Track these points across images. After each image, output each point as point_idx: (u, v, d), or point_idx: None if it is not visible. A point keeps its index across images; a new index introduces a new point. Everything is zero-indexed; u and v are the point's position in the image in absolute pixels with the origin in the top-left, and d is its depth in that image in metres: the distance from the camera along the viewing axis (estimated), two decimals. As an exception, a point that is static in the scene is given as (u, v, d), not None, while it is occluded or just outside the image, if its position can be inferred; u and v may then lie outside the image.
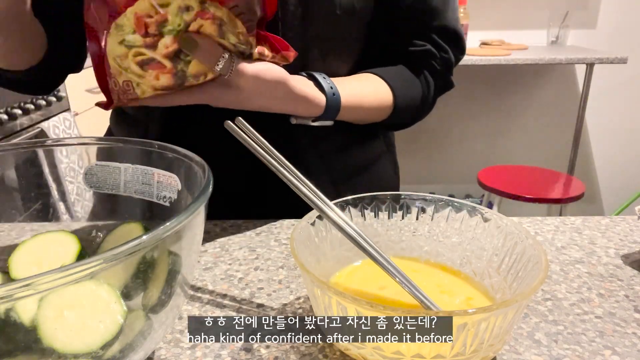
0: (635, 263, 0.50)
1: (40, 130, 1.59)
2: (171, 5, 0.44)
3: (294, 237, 0.38)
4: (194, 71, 0.48)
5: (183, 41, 0.46)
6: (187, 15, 0.45)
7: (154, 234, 0.27)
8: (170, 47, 0.46)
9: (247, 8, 0.47)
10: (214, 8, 0.45)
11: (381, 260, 0.39)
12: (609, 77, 2.58)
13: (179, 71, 0.47)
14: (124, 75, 0.48)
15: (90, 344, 0.28)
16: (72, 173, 0.46)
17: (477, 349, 0.32)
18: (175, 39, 0.46)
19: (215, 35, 0.47)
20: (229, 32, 0.47)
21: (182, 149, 0.41)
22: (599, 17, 2.54)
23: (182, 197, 0.41)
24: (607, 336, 0.39)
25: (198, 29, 0.46)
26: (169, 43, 0.46)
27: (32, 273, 0.23)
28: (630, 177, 2.76)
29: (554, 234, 0.56)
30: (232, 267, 0.50)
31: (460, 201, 0.45)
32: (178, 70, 0.47)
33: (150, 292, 0.32)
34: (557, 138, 2.71)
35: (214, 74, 0.48)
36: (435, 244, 0.46)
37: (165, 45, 0.46)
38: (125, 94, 0.49)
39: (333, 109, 0.57)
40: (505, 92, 2.65)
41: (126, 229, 0.41)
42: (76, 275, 0.24)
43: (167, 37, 0.45)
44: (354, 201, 0.45)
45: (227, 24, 0.46)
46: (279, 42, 0.52)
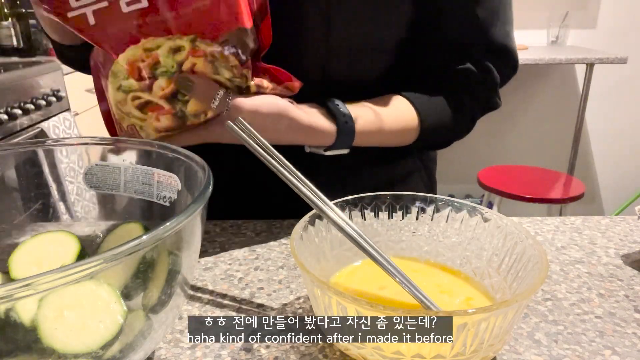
0: (635, 263, 0.50)
1: (40, 130, 1.59)
2: (162, 48, 0.45)
3: (294, 237, 0.38)
4: (192, 110, 0.48)
5: (178, 81, 0.46)
6: (179, 56, 0.45)
7: (154, 234, 0.27)
8: (166, 89, 0.46)
9: (239, 41, 0.47)
10: (205, 45, 0.45)
11: (381, 260, 0.39)
12: (609, 77, 2.58)
13: (178, 111, 0.48)
14: (127, 119, 0.49)
15: (90, 344, 0.28)
16: (72, 173, 0.46)
17: (477, 349, 0.32)
18: (170, 81, 0.46)
19: (209, 72, 0.47)
20: (222, 67, 0.47)
21: (182, 149, 0.41)
22: (599, 17, 2.54)
23: (182, 197, 0.41)
24: (607, 336, 0.39)
25: (192, 68, 0.46)
26: (164, 85, 0.46)
27: (32, 273, 0.23)
28: (630, 177, 2.76)
29: (554, 234, 0.56)
30: (232, 267, 0.50)
31: (460, 201, 0.45)
32: (177, 110, 0.48)
33: (150, 292, 0.32)
34: (557, 138, 2.71)
35: (212, 112, 0.48)
36: (435, 244, 0.46)
37: (160, 87, 0.46)
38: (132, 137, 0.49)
39: (346, 137, 0.54)
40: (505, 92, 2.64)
41: (126, 229, 0.41)
42: (76, 275, 0.24)
43: (161, 79, 0.46)
44: (354, 201, 0.45)
45: (219, 59, 0.46)
46: (281, 73, 0.51)
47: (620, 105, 2.66)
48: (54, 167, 0.46)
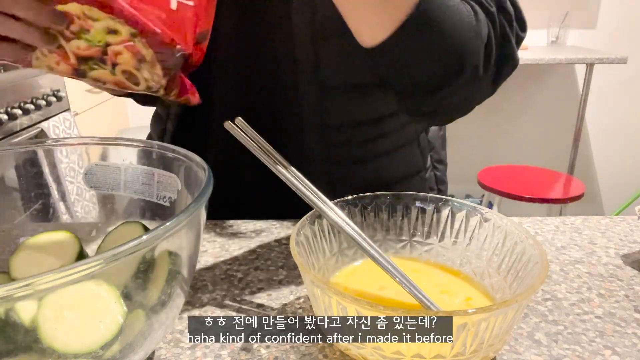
0: (635, 263, 0.50)
1: (40, 130, 1.59)
2: (100, 22, 0.45)
3: (294, 237, 0.38)
4: (95, 75, 0.48)
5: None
6: (111, 38, 0.45)
7: (154, 234, 0.27)
8: (80, 51, 0.46)
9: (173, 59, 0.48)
10: (141, 45, 0.46)
11: (381, 260, 0.39)
12: (609, 77, 2.58)
13: (80, 70, 0.48)
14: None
15: (90, 344, 0.28)
16: (72, 173, 0.46)
17: (477, 349, 0.32)
18: (89, 47, 0.46)
19: (131, 65, 0.47)
20: (145, 69, 0.47)
21: (182, 149, 0.41)
22: (599, 17, 2.54)
23: (182, 197, 0.41)
24: (607, 336, 0.39)
25: (116, 53, 0.46)
26: (82, 47, 0.46)
27: (32, 273, 0.23)
28: (630, 177, 2.76)
29: (554, 234, 0.56)
30: (232, 267, 0.50)
31: (460, 201, 0.45)
32: (80, 69, 0.47)
33: (150, 292, 0.32)
34: (557, 138, 2.71)
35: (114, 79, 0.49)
36: (435, 244, 0.46)
37: (77, 47, 0.46)
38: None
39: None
40: (505, 92, 2.65)
41: (126, 229, 0.41)
42: (76, 275, 0.24)
43: (83, 42, 0.46)
44: (354, 201, 0.45)
45: (148, 63, 0.47)
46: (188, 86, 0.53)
47: (620, 105, 2.66)
48: (54, 167, 0.46)
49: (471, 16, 0.46)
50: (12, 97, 1.51)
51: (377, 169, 0.63)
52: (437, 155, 0.72)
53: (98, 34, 0.45)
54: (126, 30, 0.45)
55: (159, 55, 0.47)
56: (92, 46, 0.46)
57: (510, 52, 0.51)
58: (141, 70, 0.48)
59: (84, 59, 0.47)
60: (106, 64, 0.47)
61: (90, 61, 0.47)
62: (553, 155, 2.72)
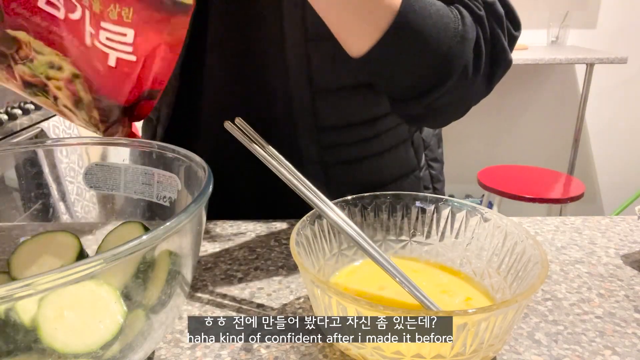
0: (635, 263, 0.50)
1: (40, 130, 1.59)
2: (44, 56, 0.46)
3: (294, 237, 0.38)
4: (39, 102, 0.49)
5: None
6: (53, 72, 0.47)
7: (154, 234, 0.27)
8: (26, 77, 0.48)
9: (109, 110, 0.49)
10: (81, 88, 0.47)
11: (381, 260, 0.39)
12: (609, 77, 2.58)
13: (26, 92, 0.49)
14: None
15: (90, 344, 0.28)
16: (72, 173, 0.46)
17: (477, 349, 0.32)
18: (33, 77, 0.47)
19: (68, 104, 0.48)
20: (83, 110, 0.49)
21: (182, 149, 0.41)
22: (599, 17, 2.54)
23: (182, 197, 0.41)
24: (607, 336, 0.39)
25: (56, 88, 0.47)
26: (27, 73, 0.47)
27: (32, 273, 0.23)
28: (630, 177, 2.76)
29: (554, 234, 0.56)
30: (232, 267, 0.50)
31: (460, 201, 0.45)
32: (26, 91, 0.49)
33: (150, 292, 0.32)
34: (557, 138, 2.71)
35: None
36: (435, 244, 0.46)
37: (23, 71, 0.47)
38: None
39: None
40: (505, 92, 2.65)
41: (126, 229, 0.41)
42: (76, 275, 0.24)
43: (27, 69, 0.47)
44: (354, 201, 0.45)
45: (86, 105, 0.48)
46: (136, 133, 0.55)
47: (620, 105, 2.66)
48: (54, 167, 0.46)
49: (457, 21, 0.47)
50: (12, 97, 1.51)
51: (371, 169, 0.63)
52: (432, 154, 0.72)
53: (40, 66, 0.47)
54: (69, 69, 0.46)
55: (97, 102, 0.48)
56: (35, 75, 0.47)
57: (502, 52, 0.52)
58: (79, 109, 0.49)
59: (29, 84, 0.48)
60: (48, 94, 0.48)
61: (34, 87, 0.48)
62: (553, 155, 2.72)
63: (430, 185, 0.71)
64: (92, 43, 0.44)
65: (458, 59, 0.47)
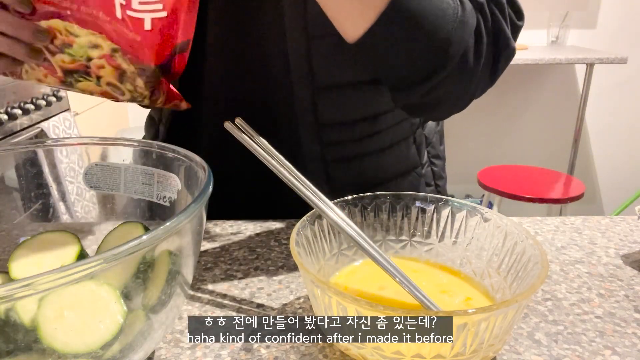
0: (635, 263, 0.50)
1: (40, 130, 1.59)
2: (82, 38, 0.46)
3: (294, 237, 0.38)
4: (82, 87, 0.50)
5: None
6: (93, 52, 0.47)
7: (154, 234, 0.27)
8: (66, 65, 0.48)
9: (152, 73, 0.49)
10: (122, 60, 0.48)
11: (381, 260, 0.39)
12: (609, 77, 2.58)
13: (67, 81, 0.49)
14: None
15: (90, 344, 0.28)
16: (72, 173, 0.46)
17: (477, 349, 0.32)
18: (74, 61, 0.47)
19: (113, 79, 0.49)
20: (127, 82, 0.49)
21: (182, 149, 0.41)
22: (599, 17, 2.54)
23: (182, 197, 0.41)
24: (607, 336, 0.39)
25: (99, 67, 0.48)
26: (67, 61, 0.48)
27: (32, 273, 0.23)
28: (630, 177, 2.76)
29: (554, 234, 0.56)
30: (232, 267, 0.50)
31: (460, 201, 0.45)
32: (67, 81, 0.49)
33: (150, 292, 0.32)
34: (557, 138, 2.71)
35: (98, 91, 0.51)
36: (435, 244, 0.46)
37: (62, 60, 0.48)
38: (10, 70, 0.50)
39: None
40: (505, 92, 2.66)
41: (126, 229, 0.41)
42: (76, 275, 0.24)
43: (67, 56, 0.47)
44: (354, 201, 0.45)
45: (129, 76, 0.49)
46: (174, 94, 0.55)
47: (620, 105, 2.66)
48: (54, 167, 0.46)
49: (457, 7, 0.46)
50: (12, 97, 1.51)
51: (372, 166, 0.63)
52: (435, 151, 0.72)
53: (80, 49, 0.47)
54: (107, 45, 0.47)
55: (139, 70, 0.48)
56: (76, 60, 0.48)
57: (505, 40, 0.51)
58: (124, 82, 0.49)
59: (70, 72, 0.49)
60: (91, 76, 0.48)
61: (75, 74, 0.49)
62: (553, 155, 2.72)
63: (432, 182, 0.71)
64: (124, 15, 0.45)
65: (457, 45, 0.47)
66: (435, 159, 0.72)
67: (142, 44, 0.46)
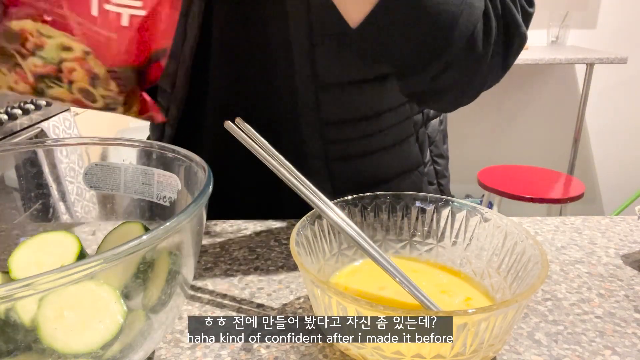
0: (635, 263, 0.50)
1: (40, 130, 1.59)
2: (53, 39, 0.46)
3: (294, 237, 0.38)
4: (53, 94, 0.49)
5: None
6: (65, 54, 0.47)
7: (154, 234, 0.27)
8: (37, 69, 0.47)
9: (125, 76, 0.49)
10: (94, 63, 0.47)
11: (381, 260, 0.39)
12: (609, 77, 2.59)
13: (38, 88, 0.49)
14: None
15: (90, 344, 0.28)
16: (72, 173, 0.46)
17: (477, 349, 0.32)
18: (45, 64, 0.47)
19: (85, 83, 0.48)
20: (100, 86, 0.49)
21: (182, 149, 0.41)
22: (599, 17, 2.54)
23: (182, 197, 0.41)
24: (607, 336, 0.39)
25: (70, 70, 0.47)
26: (39, 64, 0.47)
27: (32, 273, 0.23)
28: (630, 177, 2.76)
29: (554, 234, 0.56)
30: (232, 267, 0.50)
31: (460, 201, 0.45)
32: (38, 87, 0.49)
33: (150, 292, 0.32)
34: (557, 138, 2.71)
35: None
36: (435, 244, 0.46)
37: (34, 64, 0.47)
38: None
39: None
40: (505, 92, 2.65)
41: (126, 229, 0.41)
42: (76, 275, 0.24)
43: (38, 59, 0.47)
44: (354, 201, 0.45)
45: (102, 80, 0.48)
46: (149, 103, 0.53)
47: (620, 105, 2.66)
48: (54, 167, 0.46)
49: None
50: (12, 97, 1.51)
51: (375, 165, 0.63)
52: (438, 150, 0.71)
53: (52, 51, 0.47)
54: (79, 47, 0.46)
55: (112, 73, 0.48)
56: (47, 63, 0.47)
57: (516, 26, 0.49)
58: (97, 87, 0.49)
59: (41, 77, 0.48)
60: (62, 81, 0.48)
61: (47, 79, 0.48)
62: (553, 155, 2.72)
63: (434, 181, 0.71)
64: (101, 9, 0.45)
65: (463, 27, 0.45)
66: (439, 158, 0.72)
67: (118, 41, 0.46)
